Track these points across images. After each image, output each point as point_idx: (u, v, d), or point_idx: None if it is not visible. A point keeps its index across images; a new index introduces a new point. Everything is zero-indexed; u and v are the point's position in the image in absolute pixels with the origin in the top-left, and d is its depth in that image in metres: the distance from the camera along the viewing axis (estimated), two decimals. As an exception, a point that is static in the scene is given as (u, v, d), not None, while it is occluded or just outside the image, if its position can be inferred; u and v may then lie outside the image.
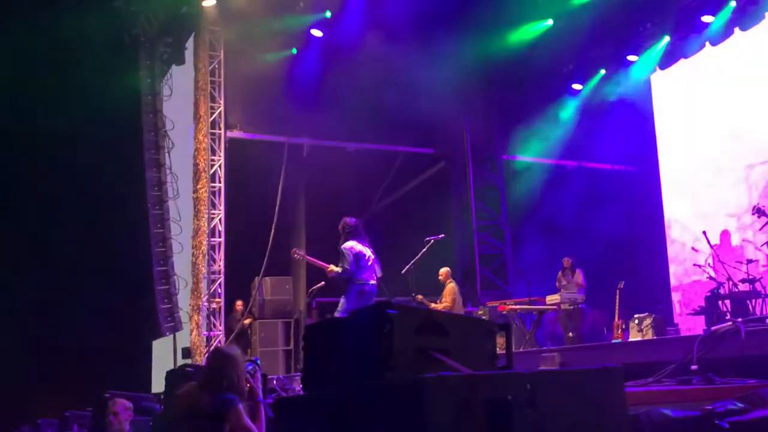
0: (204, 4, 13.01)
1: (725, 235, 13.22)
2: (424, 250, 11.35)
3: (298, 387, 8.28)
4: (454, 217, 16.52)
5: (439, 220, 15.05)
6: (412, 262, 11.34)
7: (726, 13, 13.18)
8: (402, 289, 11.67)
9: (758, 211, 9.79)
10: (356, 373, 3.26)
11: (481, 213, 16.55)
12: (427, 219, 14.94)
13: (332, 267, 9.48)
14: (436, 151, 16.58)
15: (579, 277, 12.57)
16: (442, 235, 11.69)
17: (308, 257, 10.80)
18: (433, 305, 12.01)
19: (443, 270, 12.44)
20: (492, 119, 16.80)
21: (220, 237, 13.40)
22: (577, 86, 16.06)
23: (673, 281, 14.48)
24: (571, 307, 12.06)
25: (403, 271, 11.48)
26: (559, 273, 12.69)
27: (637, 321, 10.86)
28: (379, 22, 13.25)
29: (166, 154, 13.20)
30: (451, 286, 12.39)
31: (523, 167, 16.91)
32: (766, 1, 12.57)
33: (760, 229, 10.75)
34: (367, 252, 9.39)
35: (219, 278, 13.32)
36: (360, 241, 9.46)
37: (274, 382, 8.67)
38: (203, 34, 13.46)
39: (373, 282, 9.29)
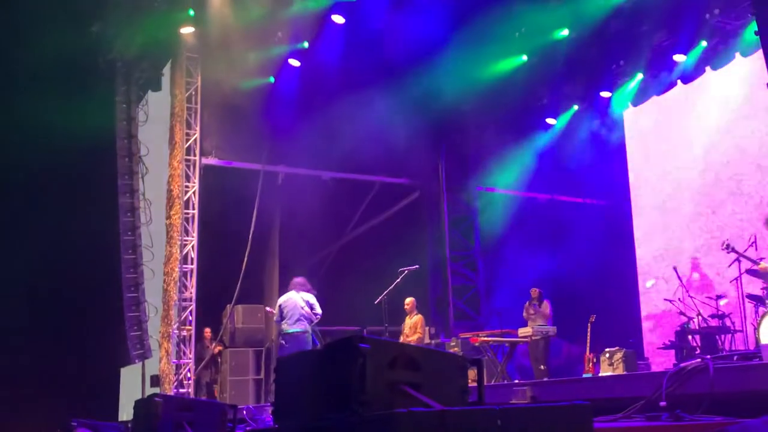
0: (182, 31, 13.05)
1: (695, 268, 13.39)
2: (398, 280, 11.36)
3: (267, 417, 8.20)
4: (428, 247, 16.57)
5: (412, 250, 15.07)
6: (386, 292, 11.34)
7: (697, 53, 13.47)
8: (375, 319, 11.67)
9: (727, 247, 9.94)
10: (328, 406, 3.25)
11: (455, 244, 16.62)
12: (401, 249, 14.97)
13: None
14: (411, 182, 16.66)
15: (546, 307, 12.58)
16: (416, 266, 11.73)
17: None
18: (406, 339, 12.02)
19: (410, 300, 12.42)
20: (467, 151, 16.95)
21: (192, 264, 13.31)
22: (550, 120, 16.27)
23: (644, 313, 14.61)
24: (541, 339, 12.07)
25: (376, 302, 11.49)
26: (527, 303, 12.69)
27: (608, 355, 10.91)
28: (355, 53, 13.36)
29: (140, 180, 13.13)
30: (421, 318, 12.42)
31: (497, 199, 17.03)
32: (737, 42, 12.86)
33: (729, 266, 10.90)
34: (299, 302, 10.96)
35: (190, 305, 13.21)
36: (300, 290, 11.10)
37: (244, 412, 8.57)
38: (180, 60, 13.49)
39: (292, 330, 10.83)
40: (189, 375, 13.07)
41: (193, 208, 13.47)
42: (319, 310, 11.02)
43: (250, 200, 14.08)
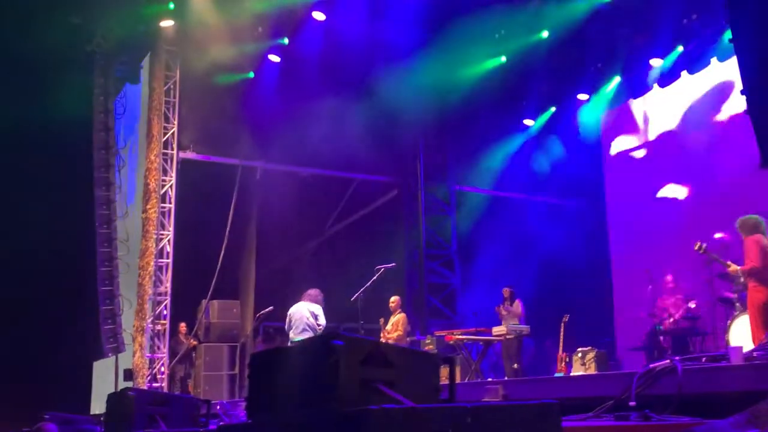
0: (161, 24, 12.99)
1: (668, 271, 13.53)
2: (375, 278, 11.39)
3: (241, 413, 8.20)
4: (405, 245, 16.61)
5: (390, 248, 15.11)
6: (362, 290, 11.36)
7: (674, 57, 13.63)
8: (352, 317, 11.69)
9: (700, 248, 10.02)
10: (301, 402, 3.28)
11: (432, 242, 16.68)
12: (378, 246, 15.00)
13: None
14: (389, 179, 16.68)
15: (518, 307, 12.64)
16: (393, 264, 11.75)
17: None
18: (387, 335, 12.06)
19: (395, 298, 12.49)
20: (446, 149, 17.01)
21: (167, 258, 13.25)
22: (528, 121, 16.38)
23: (617, 314, 14.76)
24: (514, 338, 12.15)
25: (352, 299, 11.51)
26: (500, 305, 12.77)
27: (580, 354, 11.02)
28: (335, 50, 13.36)
29: (117, 173, 13.06)
30: (403, 316, 12.47)
31: (475, 198, 17.11)
32: (714, 47, 13.01)
33: (703, 268, 11.03)
34: (305, 312, 11.21)
35: (165, 300, 13.16)
36: (307, 300, 11.35)
37: (218, 407, 8.57)
38: (160, 53, 13.43)
39: (297, 339, 10.89)
40: (163, 369, 13.02)
41: (170, 202, 13.41)
42: (323, 321, 11.34)
43: (228, 195, 14.02)
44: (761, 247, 8.11)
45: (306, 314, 11.25)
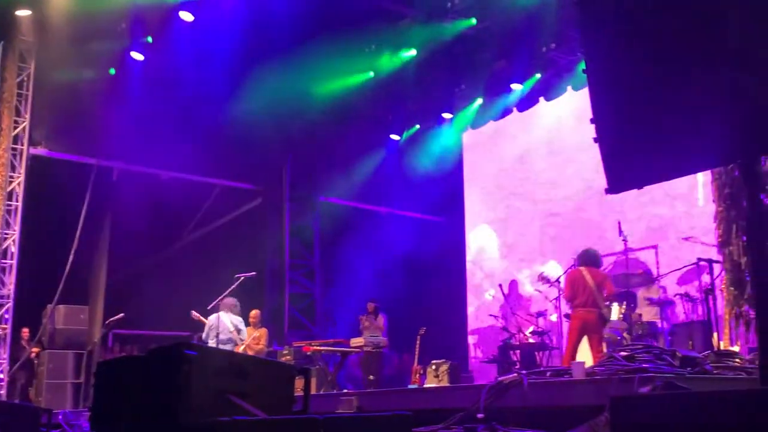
0: (17, 13, 12.32)
1: (517, 285, 14.10)
2: (234, 286, 11.22)
3: (85, 423, 7.85)
4: (268, 254, 16.44)
5: (251, 256, 14.92)
6: (220, 298, 11.17)
7: (532, 83, 14.27)
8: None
9: (542, 279, 10.56)
10: (150, 413, 3.18)
11: (295, 252, 16.61)
12: (239, 254, 14.78)
13: None
14: (253, 187, 16.49)
15: (381, 320, 12.86)
16: (253, 273, 11.61)
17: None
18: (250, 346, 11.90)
19: (256, 312, 12.39)
20: (312, 161, 16.99)
21: (12, 259, 12.53)
22: (394, 137, 16.67)
23: (471, 327, 15.21)
24: (374, 351, 12.28)
25: (209, 307, 11.29)
26: (363, 316, 12.92)
27: (434, 367, 11.25)
28: (203, 51, 13.07)
29: (-40, 167, 12.23)
30: (266, 331, 12.42)
31: (339, 210, 17.19)
32: (570, 76, 13.71)
33: (550, 285, 11.52)
34: (229, 325, 11.24)
35: (8, 303, 12.43)
36: (228, 312, 11.26)
37: (60, 417, 8.16)
38: (14, 44, 12.72)
39: None
40: (2, 376, 12.28)
41: (17, 200, 12.70)
42: (245, 335, 11.44)
43: (81, 196, 13.40)
44: (568, 278, 8.90)
45: (230, 327, 11.29)
